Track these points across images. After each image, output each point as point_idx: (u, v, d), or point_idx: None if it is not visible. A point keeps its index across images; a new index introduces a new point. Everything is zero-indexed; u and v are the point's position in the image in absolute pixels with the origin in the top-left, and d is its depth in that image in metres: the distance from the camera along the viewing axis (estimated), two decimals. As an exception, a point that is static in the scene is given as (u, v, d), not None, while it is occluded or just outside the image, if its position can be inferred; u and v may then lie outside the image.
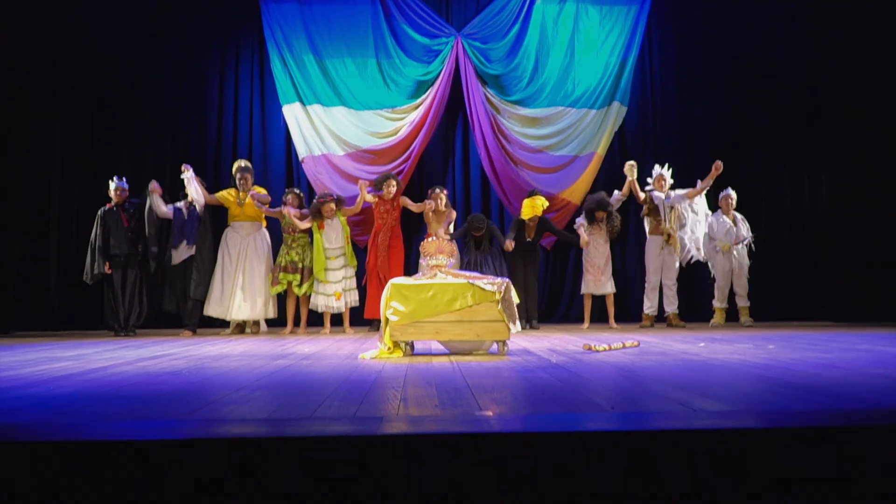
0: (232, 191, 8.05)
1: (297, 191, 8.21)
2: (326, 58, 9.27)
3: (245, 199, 7.94)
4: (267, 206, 8.06)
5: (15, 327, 8.40)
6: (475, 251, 8.11)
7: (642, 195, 8.32)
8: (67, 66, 9.08)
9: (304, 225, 7.83)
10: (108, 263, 7.70)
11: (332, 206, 7.82)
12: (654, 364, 3.91)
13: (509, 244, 7.95)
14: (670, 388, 2.89)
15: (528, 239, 8.19)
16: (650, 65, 9.74)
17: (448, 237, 7.96)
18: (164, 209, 7.83)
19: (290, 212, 7.83)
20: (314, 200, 7.94)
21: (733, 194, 8.59)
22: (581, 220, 8.40)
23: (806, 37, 9.54)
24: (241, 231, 7.94)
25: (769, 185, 9.64)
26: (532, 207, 8.06)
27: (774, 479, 1.84)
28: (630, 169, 8.27)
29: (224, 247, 7.96)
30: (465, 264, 8.03)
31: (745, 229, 8.53)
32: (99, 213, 7.85)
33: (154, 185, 7.81)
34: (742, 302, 8.44)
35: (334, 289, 7.85)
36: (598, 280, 8.25)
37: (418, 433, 1.94)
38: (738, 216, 8.61)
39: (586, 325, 8.22)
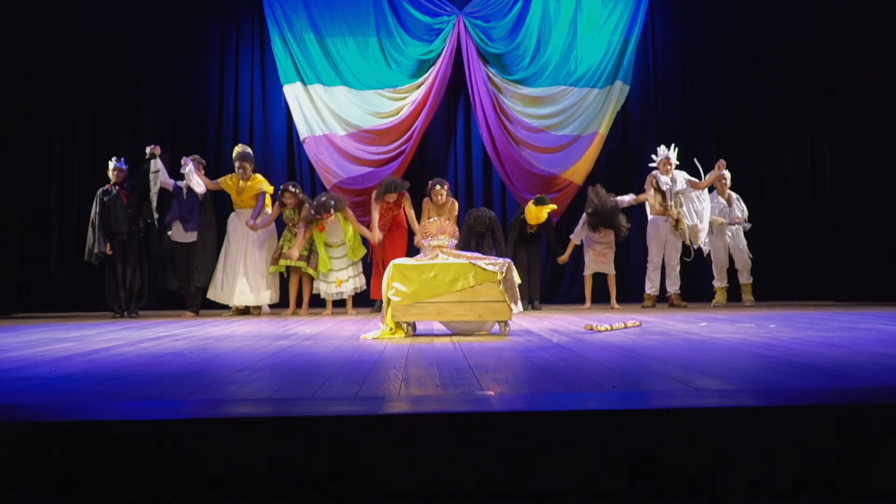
0: (233, 176, 7.98)
1: (293, 189, 7.89)
2: (327, 37, 9.22)
3: (244, 187, 7.87)
4: (267, 207, 7.95)
5: (17, 308, 8.42)
6: (474, 241, 8.02)
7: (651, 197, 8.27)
8: (65, 38, 9.05)
9: (306, 238, 7.77)
10: (108, 244, 7.69)
11: (331, 219, 7.70)
12: (656, 343, 3.91)
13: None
14: (672, 367, 2.90)
15: (530, 231, 8.15)
16: (653, 43, 9.69)
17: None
18: (167, 177, 7.78)
19: (293, 255, 7.71)
20: (311, 211, 7.65)
21: (727, 174, 8.50)
22: (582, 222, 8.28)
23: (811, 14, 9.48)
24: (243, 217, 7.92)
25: (772, 163, 9.61)
26: (536, 218, 7.99)
27: (776, 457, 1.84)
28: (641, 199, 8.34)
29: (227, 232, 7.97)
30: (465, 236, 8.00)
31: (738, 210, 8.48)
32: (98, 192, 7.83)
33: (152, 148, 7.70)
34: (744, 279, 8.43)
35: (336, 276, 7.87)
36: (600, 262, 8.25)
37: (420, 413, 1.94)
38: (734, 195, 8.56)
39: (588, 305, 8.23)
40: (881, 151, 8.93)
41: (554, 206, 8.18)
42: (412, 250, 8.43)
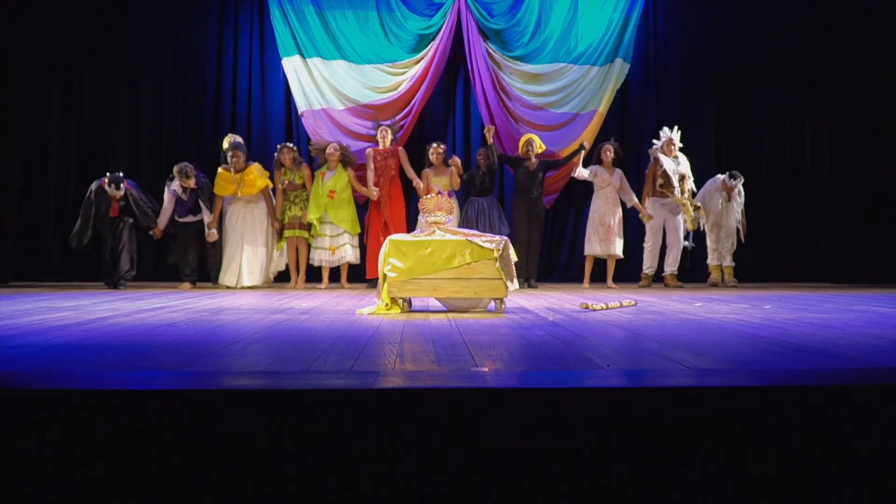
0: (224, 174, 7.85)
1: (290, 144, 8.14)
2: (327, 9, 9.14)
3: (241, 180, 7.83)
4: (271, 193, 8.05)
5: (13, 277, 8.41)
6: (478, 189, 8.11)
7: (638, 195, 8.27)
8: (64, 9, 8.98)
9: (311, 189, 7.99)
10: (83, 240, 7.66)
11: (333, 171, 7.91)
12: (651, 323, 3.92)
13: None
14: (666, 346, 2.91)
15: (531, 170, 8.07)
16: (654, 21, 9.61)
17: (453, 186, 8.04)
18: (167, 218, 7.84)
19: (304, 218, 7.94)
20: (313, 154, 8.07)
21: (738, 185, 8.32)
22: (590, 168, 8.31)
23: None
24: (240, 200, 7.91)
25: (771, 144, 9.57)
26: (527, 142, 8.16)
27: (769, 436, 1.85)
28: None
29: (226, 219, 7.95)
30: (464, 213, 8.02)
31: (738, 208, 8.36)
32: (94, 186, 7.68)
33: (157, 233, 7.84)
34: (727, 261, 8.43)
35: (329, 242, 7.91)
36: (607, 241, 8.10)
37: (414, 388, 1.95)
38: (736, 191, 8.39)
39: (586, 285, 8.18)
40: (880, 133, 8.90)
41: (543, 147, 8.27)
42: (409, 222, 8.40)
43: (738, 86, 9.52)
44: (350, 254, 8.01)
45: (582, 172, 8.22)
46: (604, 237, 8.15)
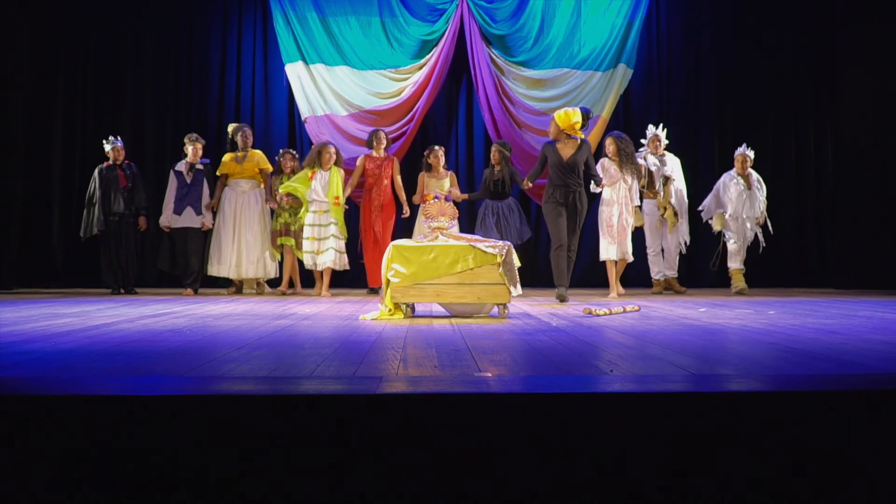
0: (229, 156, 7.97)
1: (293, 151, 8.19)
2: (330, 15, 9.17)
3: (244, 157, 7.91)
4: (269, 179, 8.10)
5: (18, 284, 8.42)
6: (492, 192, 8.01)
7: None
8: (67, 14, 9.01)
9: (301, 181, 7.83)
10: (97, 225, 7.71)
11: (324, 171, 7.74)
12: (654, 328, 3.92)
13: (527, 182, 6.97)
14: (669, 351, 2.90)
15: (566, 161, 6.48)
16: (657, 26, 9.62)
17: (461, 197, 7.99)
18: (170, 213, 7.85)
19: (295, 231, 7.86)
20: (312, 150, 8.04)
21: (750, 154, 8.08)
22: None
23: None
24: (237, 189, 7.92)
25: (775, 149, 9.55)
26: (567, 121, 6.47)
27: (774, 442, 1.85)
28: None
29: (220, 207, 7.94)
30: (481, 219, 7.97)
31: (759, 195, 8.08)
32: (97, 170, 7.83)
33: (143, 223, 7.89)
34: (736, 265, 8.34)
35: (315, 246, 7.66)
36: (616, 243, 7.53)
37: (417, 393, 1.95)
38: (755, 178, 8.09)
39: (613, 293, 7.60)
40: (884, 138, 8.87)
41: (580, 121, 6.58)
42: (399, 232, 8.33)
43: (742, 90, 9.51)
44: (332, 259, 7.67)
45: (593, 188, 6.95)
46: (614, 239, 7.56)
